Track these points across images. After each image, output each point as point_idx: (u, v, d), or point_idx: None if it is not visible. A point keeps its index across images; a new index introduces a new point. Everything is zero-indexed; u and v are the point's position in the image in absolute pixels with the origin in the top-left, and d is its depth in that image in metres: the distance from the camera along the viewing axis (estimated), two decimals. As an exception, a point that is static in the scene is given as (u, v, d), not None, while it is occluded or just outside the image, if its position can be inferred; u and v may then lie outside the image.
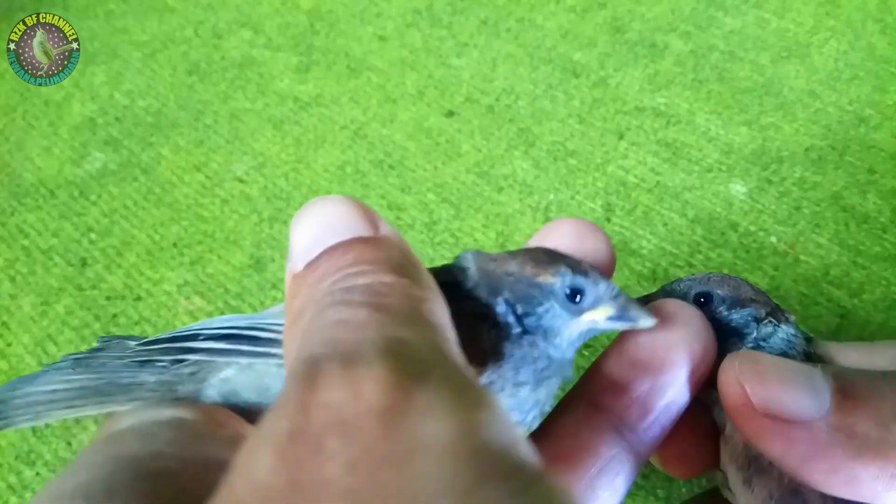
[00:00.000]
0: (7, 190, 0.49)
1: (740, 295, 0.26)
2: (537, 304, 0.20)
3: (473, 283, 0.20)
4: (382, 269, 0.15)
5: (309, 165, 0.50)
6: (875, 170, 0.46)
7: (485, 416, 0.12)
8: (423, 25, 0.60)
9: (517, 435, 0.12)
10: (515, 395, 0.19)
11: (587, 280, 0.20)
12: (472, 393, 0.12)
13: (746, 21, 0.57)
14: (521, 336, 0.20)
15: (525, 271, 0.20)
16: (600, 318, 0.20)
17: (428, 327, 0.14)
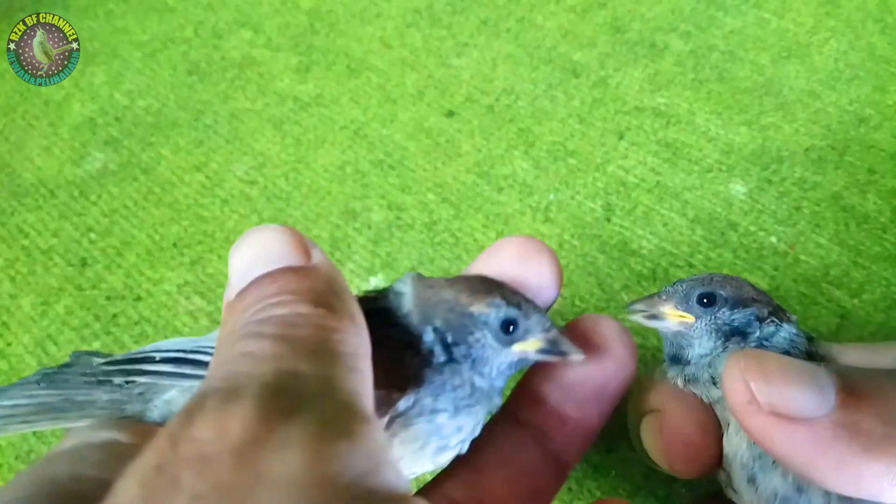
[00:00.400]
0: (7, 190, 0.49)
1: (742, 295, 0.26)
2: (468, 334, 0.20)
3: (407, 310, 0.20)
4: (301, 299, 0.15)
5: (309, 165, 0.50)
6: (875, 170, 0.46)
7: (343, 446, 0.12)
8: (423, 25, 0.60)
9: (380, 462, 0.12)
10: (432, 420, 0.19)
11: (520, 312, 0.20)
12: (342, 424, 0.13)
13: (746, 21, 0.57)
14: (445, 364, 0.20)
15: (460, 300, 0.20)
16: (531, 349, 0.20)
17: (329, 359, 0.14)
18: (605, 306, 0.40)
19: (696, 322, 0.26)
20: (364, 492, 0.12)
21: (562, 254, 0.43)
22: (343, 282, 0.17)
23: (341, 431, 0.12)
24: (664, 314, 0.27)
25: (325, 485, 0.11)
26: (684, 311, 0.26)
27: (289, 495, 0.11)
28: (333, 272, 0.17)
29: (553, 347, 0.21)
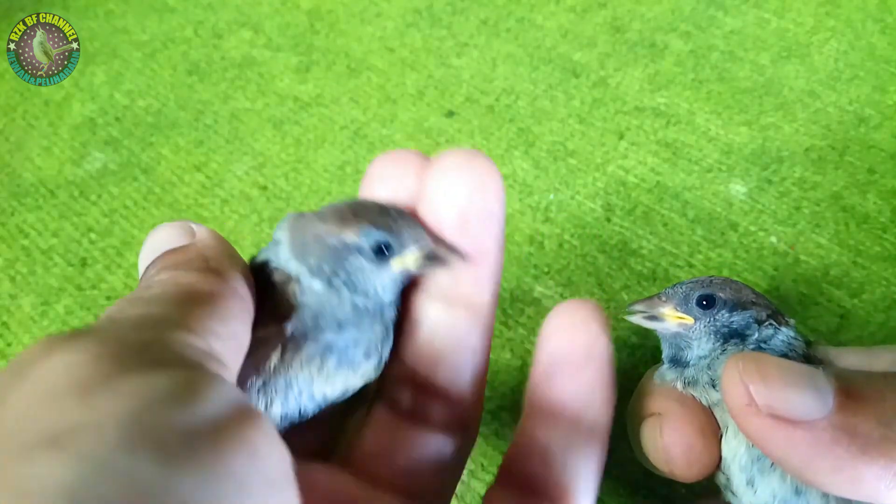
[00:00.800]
0: (7, 190, 0.49)
1: (741, 298, 0.26)
2: (343, 262, 0.21)
3: (285, 256, 0.21)
4: (173, 267, 0.19)
5: (309, 165, 0.50)
6: (875, 170, 0.46)
7: (160, 382, 0.13)
8: (423, 25, 0.60)
9: (205, 400, 0.14)
10: (318, 339, 0.20)
11: (391, 233, 0.21)
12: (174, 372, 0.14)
13: (746, 21, 0.57)
14: (325, 291, 0.21)
15: (330, 233, 0.21)
16: (411, 265, 0.21)
17: (182, 307, 0.17)
18: (606, 306, 0.40)
19: (696, 324, 0.26)
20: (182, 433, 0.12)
21: (562, 254, 0.43)
22: (220, 251, 0.20)
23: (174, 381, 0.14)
24: (663, 315, 0.27)
25: (144, 432, 0.12)
26: (684, 313, 0.27)
27: (113, 436, 0.12)
28: (210, 245, 0.20)
29: (431, 257, 0.21)
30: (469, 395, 0.22)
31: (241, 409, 0.14)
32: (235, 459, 0.13)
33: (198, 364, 0.15)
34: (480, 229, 0.21)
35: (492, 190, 0.21)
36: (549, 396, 0.21)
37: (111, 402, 0.12)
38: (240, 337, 0.18)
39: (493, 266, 0.22)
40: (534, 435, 0.21)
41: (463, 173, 0.21)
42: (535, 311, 0.40)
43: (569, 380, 0.21)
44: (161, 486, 0.11)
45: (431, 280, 0.22)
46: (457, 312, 0.22)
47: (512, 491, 0.21)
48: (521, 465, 0.22)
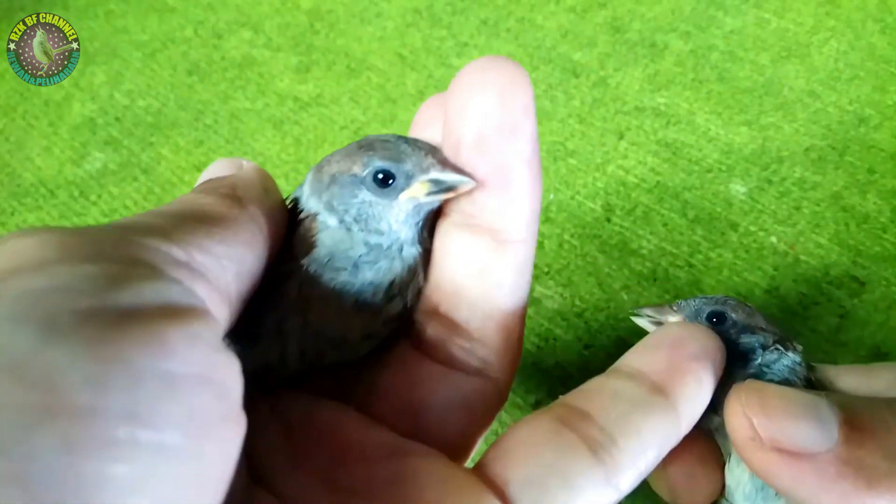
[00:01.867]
0: (7, 190, 0.49)
1: (752, 322, 0.26)
2: (351, 197, 0.20)
3: (306, 195, 0.21)
4: (204, 191, 0.19)
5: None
6: (875, 170, 0.46)
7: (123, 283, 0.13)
8: (423, 25, 0.60)
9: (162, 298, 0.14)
10: (335, 279, 0.20)
11: (394, 162, 0.20)
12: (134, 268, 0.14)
13: (746, 21, 0.57)
14: (337, 229, 0.20)
15: (339, 169, 0.20)
16: (419, 195, 0.20)
17: (163, 217, 0.17)
18: (606, 306, 0.40)
19: None
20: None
21: (562, 254, 0.43)
22: (254, 183, 0.20)
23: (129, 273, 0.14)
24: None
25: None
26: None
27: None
28: (245, 178, 0.20)
29: (439, 186, 0.19)
30: (494, 333, 0.21)
31: (169, 307, 0.13)
32: (131, 348, 0.12)
33: (148, 264, 0.14)
34: (501, 148, 0.19)
35: (515, 99, 0.19)
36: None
37: (23, 281, 0.12)
38: (245, 261, 0.18)
39: (523, 189, 0.19)
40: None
41: (481, 84, 0.19)
42: (535, 310, 0.40)
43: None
44: (32, 356, 0.11)
45: (454, 207, 0.20)
46: (480, 241, 0.20)
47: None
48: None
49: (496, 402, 0.22)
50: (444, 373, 0.21)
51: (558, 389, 0.37)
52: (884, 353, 0.37)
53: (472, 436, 0.22)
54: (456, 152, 0.20)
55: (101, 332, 0.12)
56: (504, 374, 0.22)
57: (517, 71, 0.19)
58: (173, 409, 0.12)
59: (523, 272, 0.21)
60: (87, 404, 0.11)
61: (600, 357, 0.38)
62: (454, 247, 0.21)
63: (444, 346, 0.21)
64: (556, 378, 0.38)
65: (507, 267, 0.20)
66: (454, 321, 0.21)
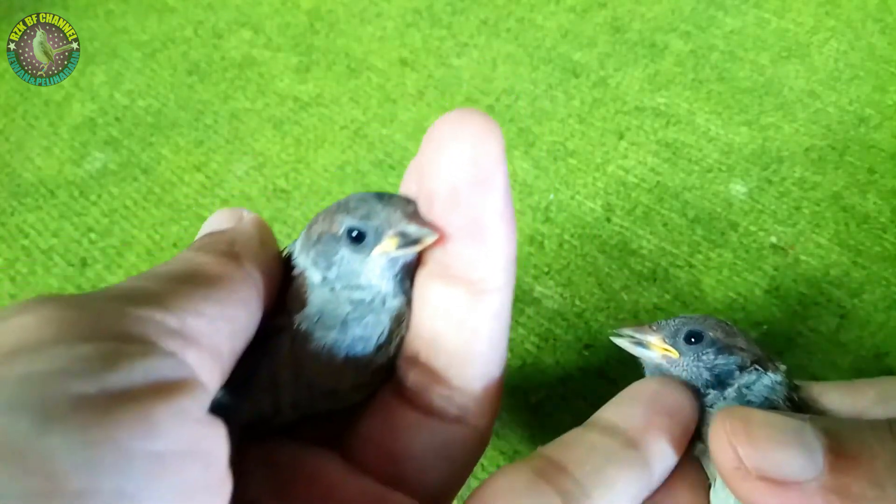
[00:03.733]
0: (7, 190, 0.49)
1: (730, 342, 0.26)
2: (333, 254, 0.21)
3: (298, 248, 0.22)
4: (192, 249, 0.20)
5: (309, 165, 0.50)
6: (875, 170, 0.46)
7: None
8: (423, 25, 0.60)
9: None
10: (325, 337, 0.21)
11: (365, 220, 0.21)
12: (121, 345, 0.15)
13: (746, 21, 0.57)
14: (321, 287, 0.21)
15: (322, 228, 0.21)
16: (390, 248, 0.21)
17: (158, 281, 0.17)
18: (606, 306, 0.40)
19: (680, 359, 0.25)
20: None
21: (562, 254, 0.43)
22: (252, 238, 0.21)
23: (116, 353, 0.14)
24: (650, 344, 0.26)
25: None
26: (671, 346, 0.26)
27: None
28: (244, 232, 0.21)
29: (407, 239, 0.20)
30: (472, 380, 0.21)
31: (159, 383, 0.14)
32: (121, 430, 0.13)
33: (144, 340, 0.15)
34: (474, 200, 0.19)
35: (486, 153, 0.19)
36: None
37: (24, 365, 0.13)
38: (239, 320, 0.18)
39: (497, 239, 0.20)
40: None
41: (453, 138, 0.19)
42: (535, 311, 0.40)
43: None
44: (30, 443, 0.12)
45: (430, 258, 0.21)
46: (456, 291, 0.21)
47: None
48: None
49: (477, 449, 0.22)
50: (423, 421, 0.21)
51: (558, 389, 0.37)
52: (884, 353, 0.37)
53: (453, 484, 0.22)
54: (430, 206, 0.20)
55: (94, 417, 0.13)
56: (484, 421, 0.22)
57: (488, 124, 0.19)
58: (162, 486, 0.13)
59: (501, 318, 0.21)
60: (81, 487, 0.12)
61: (600, 357, 0.38)
62: (431, 296, 0.21)
63: (424, 394, 0.21)
64: (556, 378, 0.38)
65: (483, 315, 0.21)
66: (433, 369, 0.21)
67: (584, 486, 0.20)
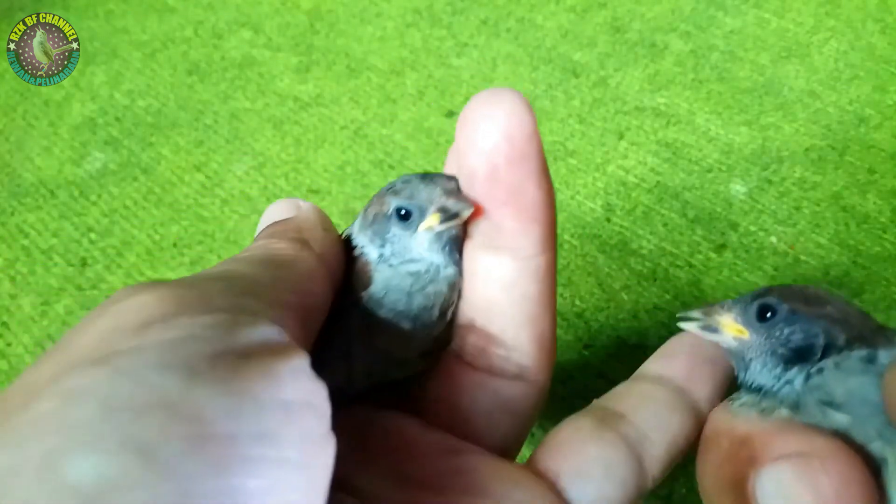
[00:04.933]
0: (7, 190, 0.49)
1: (812, 310, 0.22)
2: (385, 232, 0.23)
3: (356, 229, 0.24)
4: (270, 237, 0.21)
5: (309, 165, 0.50)
6: (875, 170, 0.46)
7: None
8: (423, 25, 0.60)
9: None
10: (393, 308, 0.22)
11: (408, 199, 0.22)
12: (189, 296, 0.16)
13: (746, 21, 0.57)
14: (382, 264, 0.23)
15: (375, 209, 0.23)
16: (434, 224, 0.22)
17: (246, 264, 0.19)
18: (606, 306, 0.40)
19: (750, 339, 0.22)
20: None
21: (562, 254, 0.43)
22: (316, 224, 0.22)
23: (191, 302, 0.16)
24: (721, 325, 0.22)
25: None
26: (743, 325, 0.22)
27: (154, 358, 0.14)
28: (307, 219, 0.23)
29: (448, 214, 0.22)
30: (527, 340, 0.23)
31: (272, 346, 0.16)
32: (254, 382, 0.14)
33: (249, 311, 0.17)
34: (512, 176, 0.21)
35: (519, 130, 0.21)
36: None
37: (158, 334, 0.15)
38: (318, 300, 0.20)
39: (536, 208, 0.21)
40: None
41: (486, 118, 0.21)
42: (535, 311, 0.40)
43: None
44: (182, 396, 0.13)
45: (476, 230, 0.22)
46: (502, 259, 0.22)
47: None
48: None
49: (537, 403, 0.24)
50: (486, 379, 0.23)
51: (558, 389, 0.37)
52: (884, 353, 0.37)
53: (518, 436, 0.24)
54: (472, 184, 0.22)
55: (230, 372, 0.14)
56: (542, 376, 0.24)
57: (518, 100, 0.21)
58: (291, 431, 0.14)
59: (547, 280, 0.22)
60: (228, 431, 0.14)
61: (600, 357, 0.38)
62: (479, 267, 0.23)
63: (484, 356, 0.23)
64: (556, 378, 0.38)
65: (529, 279, 0.22)
66: (489, 334, 0.23)
67: (643, 430, 0.22)
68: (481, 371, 0.23)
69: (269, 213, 0.23)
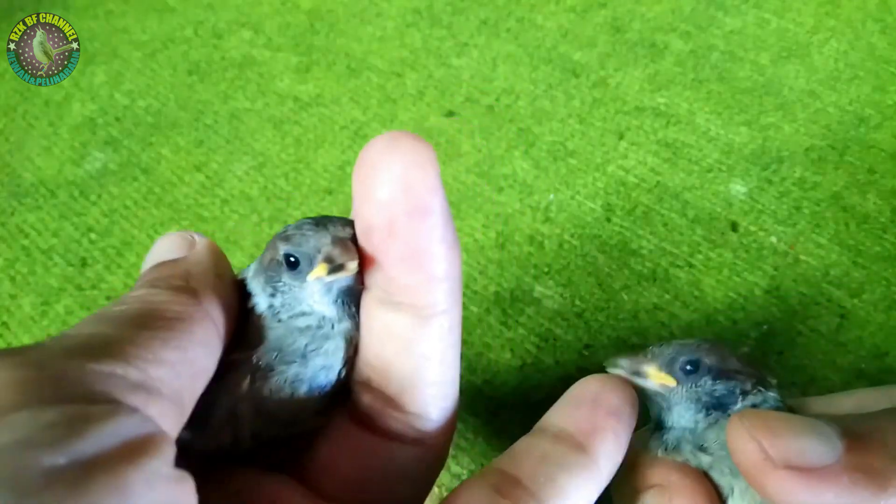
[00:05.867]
0: (7, 190, 0.49)
1: (727, 367, 0.26)
2: (277, 280, 0.21)
3: (251, 273, 0.22)
4: (147, 284, 0.19)
5: (309, 165, 0.50)
6: (875, 170, 0.46)
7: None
8: (423, 25, 0.60)
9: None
10: (285, 372, 0.21)
11: (294, 247, 0.21)
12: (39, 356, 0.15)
13: (746, 21, 0.57)
14: (272, 319, 0.21)
15: (269, 255, 0.22)
16: (322, 274, 0.20)
17: (117, 327, 0.17)
18: (606, 306, 0.40)
19: (677, 387, 0.26)
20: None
21: (562, 254, 0.43)
22: (207, 268, 0.20)
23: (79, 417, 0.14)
24: (647, 374, 0.27)
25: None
26: (668, 374, 0.26)
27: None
28: (198, 262, 0.20)
29: (333, 266, 0.20)
30: (427, 405, 0.21)
31: (129, 444, 0.14)
32: (100, 500, 0.13)
33: (108, 398, 0.15)
34: (410, 230, 0.19)
35: (420, 181, 0.18)
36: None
37: None
38: (199, 361, 0.18)
39: (439, 264, 0.19)
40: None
41: (384, 167, 0.19)
42: (535, 310, 0.40)
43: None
44: None
45: (374, 283, 0.21)
46: (402, 317, 0.20)
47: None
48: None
49: (436, 467, 0.22)
50: (382, 445, 0.21)
51: (558, 389, 0.37)
52: (884, 353, 0.37)
53: (413, 500, 0.22)
54: (368, 237, 0.20)
55: (68, 490, 0.12)
56: (442, 440, 0.22)
57: (419, 146, 0.18)
58: None
59: (450, 339, 0.21)
60: None
61: (600, 357, 0.38)
62: (377, 323, 0.21)
63: (380, 419, 0.21)
64: (556, 378, 0.38)
65: (431, 340, 0.21)
66: (387, 395, 0.21)
67: (539, 497, 0.20)
68: (377, 434, 0.21)
69: (157, 248, 0.21)
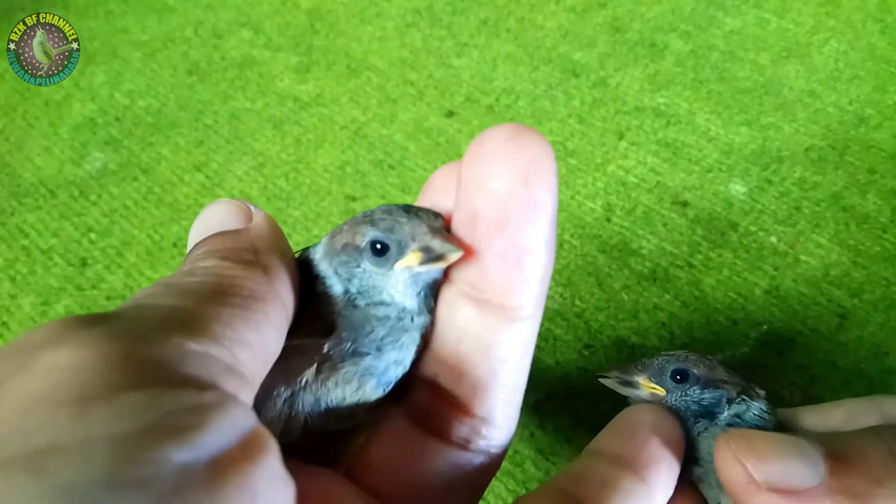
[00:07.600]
0: (7, 190, 0.49)
1: (714, 376, 0.27)
2: (355, 266, 0.20)
3: (319, 254, 0.21)
4: (217, 255, 0.18)
5: (309, 165, 0.49)
6: (875, 170, 0.46)
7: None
8: (423, 25, 0.60)
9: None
10: (358, 363, 0.20)
11: (386, 232, 0.20)
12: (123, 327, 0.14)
13: (746, 21, 0.57)
14: (347, 304, 0.20)
15: (346, 239, 0.20)
16: (413, 263, 0.19)
17: (199, 302, 0.16)
18: (606, 306, 0.40)
19: (667, 396, 0.27)
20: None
21: (562, 254, 0.43)
22: (272, 243, 0.19)
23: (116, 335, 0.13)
24: (637, 384, 0.28)
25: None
26: (657, 384, 0.27)
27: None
28: (263, 236, 0.19)
29: (429, 254, 0.19)
30: (496, 410, 0.20)
31: (247, 444, 0.13)
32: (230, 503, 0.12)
33: (212, 384, 0.14)
34: (521, 227, 0.18)
35: (540, 178, 0.18)
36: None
37: (107, 421, 0.11)
38: (271, 346, 0.17)
39: (536, 267, 0.19)
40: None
41: (505, 157, 0.18)
42: (535, 311, 0.40)
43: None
44: None
45: (461, 275, 0.20)
46: (487, 315, 0.19)
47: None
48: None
49: (492, 473, 0.22)
50: (441, 449, 0.20)
51: (558, 389, 0.37)
52: (884, 353, 0.37)
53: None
54: (472, 225, 0.19)
55: (205, 493, 0.12)
56: (502, 447, 0.21)
57: (543, 144, 0.18)
58: None
59: (528, 347, 0.20)
60: None
61: (600, 357, 0.38)
62: (459, 318, 0.20)
63: (443, 421, 0.20)
64: (556, 378, 0.38)
65: (513, 344, 0.20)
66: (454, 396, 0.20)
67: None
68: (438, 437, 0.20)
69: (211, 214, 0.19)
